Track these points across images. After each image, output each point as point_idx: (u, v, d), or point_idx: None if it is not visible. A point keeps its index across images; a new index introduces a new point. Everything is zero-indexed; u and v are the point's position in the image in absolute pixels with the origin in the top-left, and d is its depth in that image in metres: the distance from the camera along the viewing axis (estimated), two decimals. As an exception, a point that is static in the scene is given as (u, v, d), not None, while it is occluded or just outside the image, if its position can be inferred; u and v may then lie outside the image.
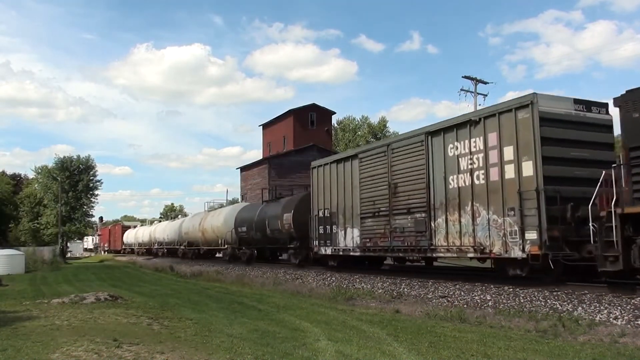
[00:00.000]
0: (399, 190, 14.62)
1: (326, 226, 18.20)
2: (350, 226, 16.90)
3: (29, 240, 56.06)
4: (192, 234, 33.99)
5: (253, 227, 24.29)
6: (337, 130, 67.92)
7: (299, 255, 20.85)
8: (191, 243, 34.67)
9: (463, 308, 10.39)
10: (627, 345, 7.08)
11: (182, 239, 36.17)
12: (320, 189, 18.84)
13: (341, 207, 17.34)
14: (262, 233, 23.47)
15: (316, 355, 6.65)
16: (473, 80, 32.98)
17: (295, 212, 20.47)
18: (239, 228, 26.09)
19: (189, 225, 35.17)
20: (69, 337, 7.99)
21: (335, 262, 18.38)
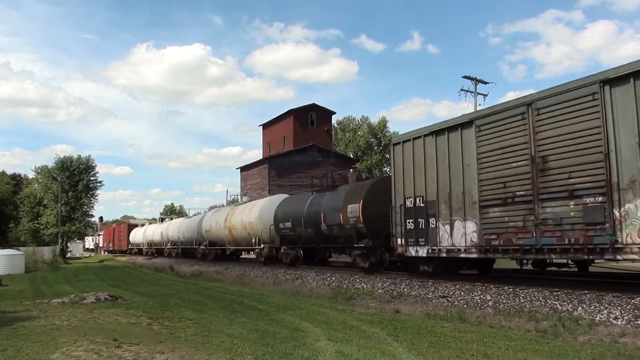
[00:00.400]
0: (552, 166, 10.64)
1: (418, 219, 14.00)
2: (460, 218, 12.70)
3: (29, 240, 56.14)
4: (216, 232, 29.82)
5: (301, 223, 20.48)
6: (337, 130, 67.91)
7: (370, 257, 16.61)
8: (213, 242, 30.69)
9: (463, 308, 10.39)
10: (627, 345, 7.08)
11: (202, 237, 32.21)
12: (408, 171, 14.49)
13: (444, 194, 13.20)
14: (314, 229, 19.66)
15: (316, 355, 6.66)
16: (473, 80, 32.99)
17: (366, 202, 16.52)
18: (281, 224, 22.12)
19: (212, 221, 30.89)
20: (69, 337, 7.99)
21: (430, 267, 14.16)
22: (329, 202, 19.04)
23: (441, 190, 13.36)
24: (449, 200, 13.08)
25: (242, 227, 26.01)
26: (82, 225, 52.91)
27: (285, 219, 21.86)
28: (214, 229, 30.18)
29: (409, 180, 14.54)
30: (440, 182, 13.38)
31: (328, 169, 42.97)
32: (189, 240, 35.54)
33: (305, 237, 20.54)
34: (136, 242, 52.76)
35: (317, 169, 42.73)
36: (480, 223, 12.10)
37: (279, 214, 22.61)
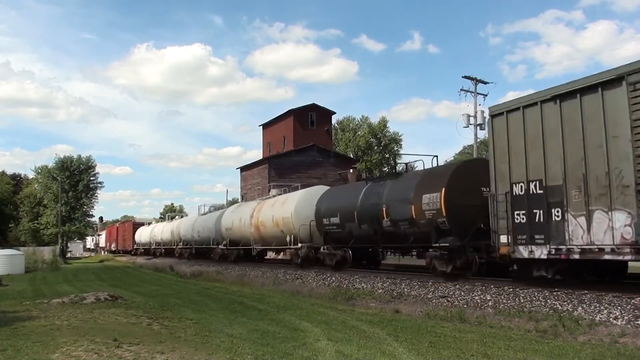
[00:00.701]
0: None
1: (534, 211, 11.03)
2: (603, 208, 9.78)
3: (29, 240, 56.15)
4: (239, 230, 26.34)
5: (354, 218, 17.15)
6: (337, 130, 67.92)
7: (454, 259, 13.47)
8: (235, 241, 27.16)
9: (463, 308, 10.39)
10: (627, 345, 7.08)
11: (221, 236, 28.77)
12: (517, 149, 11.51)
13: (575, 176, 10.27)
14: (372, 226, 16.41)
15: (316, 355, 6.66)
16: (473, 80, 32.99)
17: (450, 190, 13.35)
18: (325, 220, 18.85)
19: (233, 218, 27.31)
20: (69, 337, 7.99)
21: (550, 272, 11.13)
22: (394, 192, 15.67)
23: (570, 172, 10.35)
24: (583, 184, 10.09)
25: (274, 224, 22.55)
26: (82, 225, 52.91)
27: (331, 213, 18.55)
28: (236, 227, 26.62)
29: (517, 160, 11.50)
30: (569, 161, 10.37)
31: (328, 169, 43.07)
32: (204, 240, 32.10)
33: (358, 235, 17.19)
34: (142, 242, 49.60)
35: (317, 169, 42.79)
36: (638, 214, 9.14)
37: (321, 208, 19.32)
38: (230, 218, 28.04)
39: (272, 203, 23.91)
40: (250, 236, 24.98)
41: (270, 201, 24.58)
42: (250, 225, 24.79)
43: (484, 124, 31.39)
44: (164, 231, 42.89)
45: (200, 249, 33.49)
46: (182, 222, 39.21)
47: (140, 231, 51.16)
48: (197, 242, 33.74)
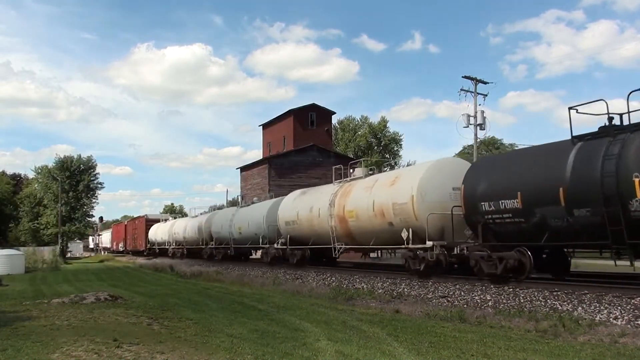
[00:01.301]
0: None
1: None
2: None
3: (29, 240, 56.19)
4: (309, 223, 20.42)
5: (558, 199, 10.86)
6: (337, 130, 67.94)
7: None
8: (301, 239, 21.29)
9: (463, 308, 10.39)
10: (627, 345, 7.08)
11: (278, 232, 23.00)
12: None
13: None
14: (603, 210, 9.98)
15: (316, 355, 6.66)
16: (473, 80, 32.97)
17: None
18: (487, 204, 12.44)
19: (300, 207, 21.34)
20: (69, 337, 7.99)
21: None
22: None
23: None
24: None
25: (375, 214, 16.14)
26: (82, 225, 52.90)
27: (501, 193, 12.16)
28: (304, 219, 20.70)
29: None
30: None
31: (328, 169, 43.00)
32: (249, 237, 26.06)
33: (559, 227, 10.98)
34: (159, 241, 43.25)
35: (317, 169, 42.77)
36: None
37: (476, 186, 12.90)
38: (293, 208, 21.92)
39: (368, 184, 17.20)
40: (329, 231, 18.82)
41: (364, 182, 17.91)
42: (329, 217, 18.74)
43: (484, 124, 31.39)
44: (188, 228, 36.00)
45: (241, 248, 27.26)
46: (215, 217, 32.42)
47: (155, 229, 44.94)
48: (238, 240, 27.36)
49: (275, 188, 39.12)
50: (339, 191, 18.98)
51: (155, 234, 44.62)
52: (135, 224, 52.75)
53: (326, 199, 19.33)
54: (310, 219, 20.37)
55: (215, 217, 32.53)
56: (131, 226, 54.67)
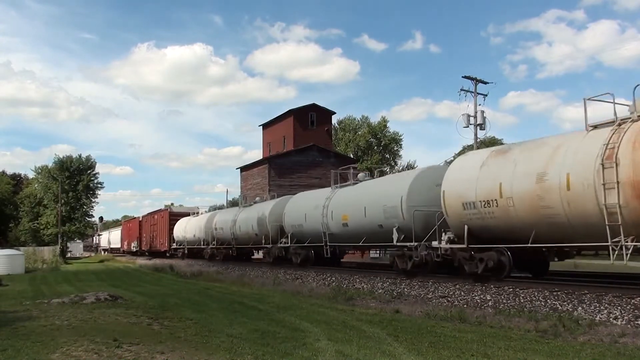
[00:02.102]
0: None
1: None
2: None
3: (29, 240, 56.17)
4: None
5: None
6: (338, 130, 67.95)
7: None
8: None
9: (463, 308, 10.40)
10: (627, 345, 7.08)
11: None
12: None
13: None
14: None
15: (316, 355, 6.66)
16: (473, 80, 32.98)
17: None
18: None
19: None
20: (69, 337, 7.99)
21: None
22: None
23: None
24: None
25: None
26: (82, 225, 52.88)
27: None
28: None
29: None
30: None
31: (328, 169, 42.99)
32: (359, 231, 17.53)
33: None
34: (188, 239, 35.30)
35: (317, 169, 42.81)
36: None
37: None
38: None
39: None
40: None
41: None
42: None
43: (484, 124, 31.40)
44: (238, 222, 27.11)
45: (345, 246, 19.41)
46: (275, 205, 23.73)
47: (181, 224, 36.84)
48: (339, 236, 18.58)
49: (275, 188, 39.12)
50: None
51: (183, 230, 36.35)
52: (155, 219, 43.81)
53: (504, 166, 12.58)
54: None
55: (276, 206, 23.89)
56: (149, 222, 46.06)
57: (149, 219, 47.55)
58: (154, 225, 44.62)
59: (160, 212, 45.31)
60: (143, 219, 50.26)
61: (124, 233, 58.48)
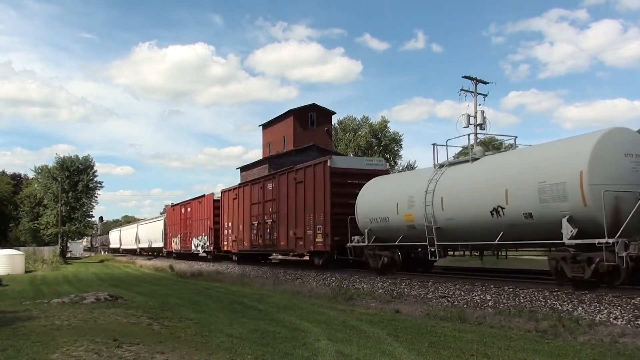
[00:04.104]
0: None
1: None
2: None
3: (29, 240, 56.21)
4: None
5: None
6: (338, 130, 67.94)
7: None
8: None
9: (463, 308, 10.39)
10: (627, 345, 7.08)
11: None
12: None
13: None
14: None
15: (316, 355, 6.66)
16: (473, 80, 32.95)
17: None
18: None
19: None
20: (69, 337, 7.99)
21: None
22: None
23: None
24: None
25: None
26: (82, 225, 52.87)
27: None
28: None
29: None
30: None
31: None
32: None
33: None
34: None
35: (317, 169, 42.63)
36: None
37: None
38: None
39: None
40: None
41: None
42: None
43: (484, 124, 31.33)
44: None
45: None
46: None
47: None
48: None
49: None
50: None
51: None
52: (228, 199, 27.24)
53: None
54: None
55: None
56: (229, 203, 27.19)
57: (224, 200, 27.92)
58: (238, 210, 25.85)
59: (235, 188, 26.70)
60: (229, 193, 27.30)
61: (171, 226, 38.44)
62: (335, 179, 18.14)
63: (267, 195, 22.98)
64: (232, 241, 26.99)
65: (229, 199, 27.61)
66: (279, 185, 21.98)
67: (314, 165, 19.21)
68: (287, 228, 20.75)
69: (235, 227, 26.47)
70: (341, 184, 18.15)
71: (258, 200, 23.77)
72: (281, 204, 21.49)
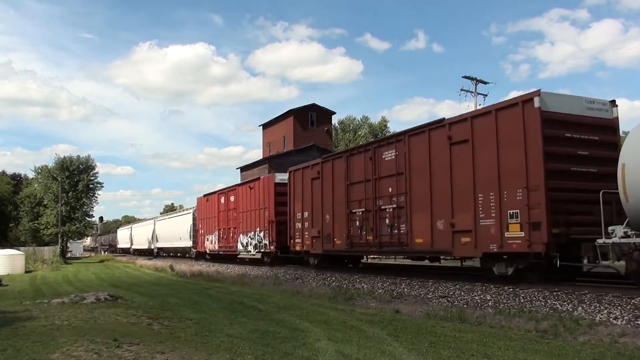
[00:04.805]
0: None
1: None
2: None
3: (29, 240, 56.21)
4: None
5: None
6: (338, 130, 67.98)
7: None
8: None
9: (463, 308, 10.39)
10: (627, 345, 7.07)
11: None
12: None
13: None
14: None
15: (316, 355, 6.66)
16: (473, 80, 33.03)
17: None
18: None
19: None
20: (69, 337, 7.99)
21: None
22: None
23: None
24: None
25: None
26: (82, 225, 52.88)
27: None
28: None
29: None
30: None
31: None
32: None
33: None
34: None
35: (318, 169, 42.61)
36: None
37: None
38: None
39: None
40: None
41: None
42: None
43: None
44: None
45: None
46: None
47: None
48: None
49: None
50: None
51: None
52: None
53: None
54: None
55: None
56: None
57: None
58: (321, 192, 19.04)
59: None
60: (304, 172, 20.38)
61: (205, 220, 31.24)
62: (550, 129, 11.24)
63: (385, 168, 15.59)
64: (311, 238, 19.40)
65: (304, 180, 20.18)
66: (408, 152, 14.69)
67: (495, 111, 12.16)
68: (432, 216, 13.72)
69: (318, 218, 18.96)
70: (557, 138, 11.37)
71: (365, 178, 16.39)
72: (416, 179, 14.35)
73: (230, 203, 27.85)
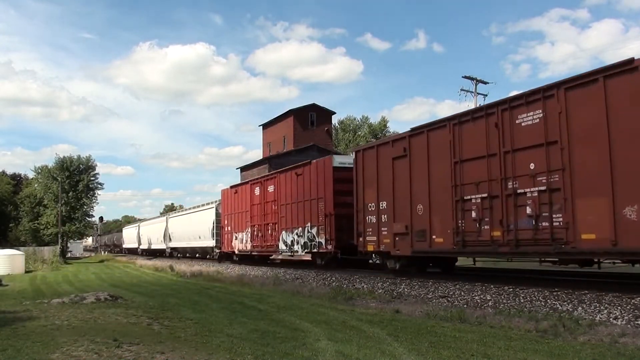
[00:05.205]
0: None
1: None
2: None
3: (29, 240, 56.23)
4: None
5: None
6: (338, 130, 67.99)
7: None
8: None
9: (463, 308, 10.39)
10: (627, 345, 7.07)
11: None
12: None
13: None
14: None
15: (316, 355, 6.66)
16: (473, 80, 33.04)
17: None
18: None
19: None
20: (69, 337, 7.99)
21: None
22: None
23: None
24: None
25: None
26: (82, 225, 52.89)
27: None
28: None
29: None
30: None
31: (328, 169, 42.95)
32: None
33: None
34: None
35: (317, 169, 42.58)
36: None
37: None
38: None
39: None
40: None
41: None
42: None
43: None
44: None
45: None
46: None
47: None
48: None
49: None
50: None
51: None
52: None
53: None
54: None
55: None
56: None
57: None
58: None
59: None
60: (380, 150, 15.87)
61: (233, 214, 27.11)
62: None
63: (523, 137, 11.33)
64: (392, 235, 15.18)
65: (379, 161, 15.76)
66: (566, 112, 10.48)
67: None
68: (614, 201, 9.45)
69: (404, 210, 14.77)
70: None
71: (487, 152, 12.17)
72: (581, 149, 10.20)
73: (268, 194, 23.36)
